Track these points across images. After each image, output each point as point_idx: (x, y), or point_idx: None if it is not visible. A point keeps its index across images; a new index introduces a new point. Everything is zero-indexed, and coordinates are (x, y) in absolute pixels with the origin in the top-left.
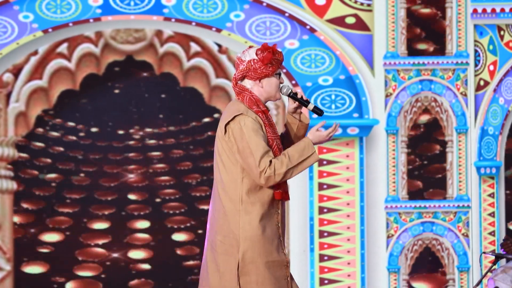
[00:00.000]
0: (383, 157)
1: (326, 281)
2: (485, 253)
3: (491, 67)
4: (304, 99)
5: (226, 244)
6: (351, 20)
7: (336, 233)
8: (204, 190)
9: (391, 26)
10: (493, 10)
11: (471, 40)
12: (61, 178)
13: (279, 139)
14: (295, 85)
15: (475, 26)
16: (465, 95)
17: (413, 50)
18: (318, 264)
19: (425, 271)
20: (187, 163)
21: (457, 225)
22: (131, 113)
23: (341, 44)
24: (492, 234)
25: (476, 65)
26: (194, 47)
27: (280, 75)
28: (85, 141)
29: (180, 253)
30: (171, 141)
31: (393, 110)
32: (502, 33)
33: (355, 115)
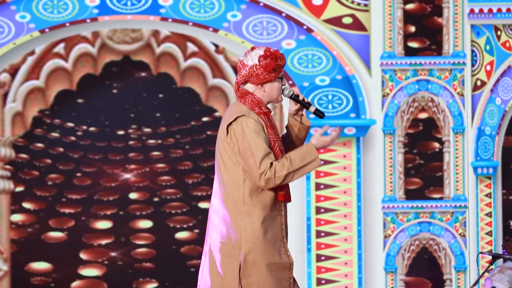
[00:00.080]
0: (380, 157)
1: (323, 281)
2: (482, 253)
3: (488, 67)
4: (305, 102)
5: (228, 246)
6: (348, 20)
7: (333, 233)
8: (205, 190)
9: (388, 26)
10: (490, 10)
11: (468, 40)
12: (61, 178)
13: (281, 141)
14: (292, 85)
15: (472, 26)
16: (462, 95)
17: (410, 50)
18: (315, 264)
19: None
20: (186, 162)
21: (454, 225)
22: (128, 113)
23: (338, 44)
24: (489, 234)
25: (473, 65)
26: (191, 47)
27: (282, 78)
28: (83, 141)
29: (183, 251)
30: (169, 141)
31: (390, 110)
32: (499, 33)
33: (352, 115)
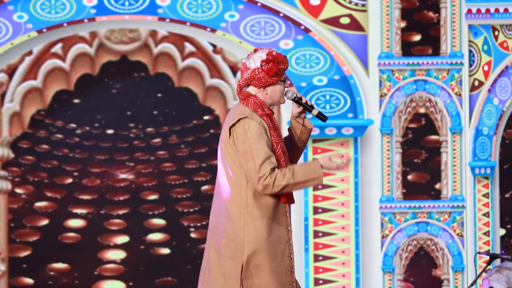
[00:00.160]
0: (377, 157)
1: (320, 281)
2: (479, 253)
3: (486, 67)
4: (308, 104)
5: (231, 248)
6: (345, 20)
7: (330, 233)
8: (207, 190)
9: (386, 26)
10: (488, 10)
11: (466, 40)
12: (68, 179)
13: (284, 143)
14: (290, 85)
15: (470, 26)
16: (460, 95)
17: (407, 50)
18: (312, 264)
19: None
20: (192, 161)
21: (451, 225)
22: (126, 113)
23: (336, 44)
24: (486, 234)
25: (470, 65)
26: (188, 47)
27: (284, 80)
28: (82, 141)
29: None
30: (173, 140)
31: (388, 110)
32: (496, 33)
33: (350, 115)
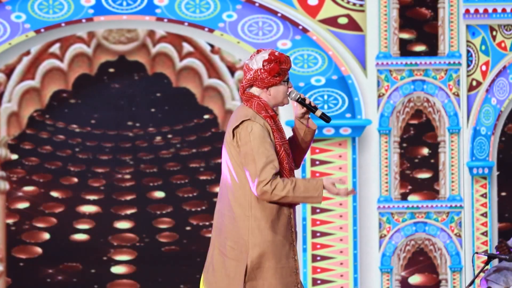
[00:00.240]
0: (375, 157)
1: (319, 281)
2: (477, 253)
3: (484, 68)
4: (312, 105)
5: (236, 249)
6: (343, 20)
7: (328, 233)
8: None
9: (384, 26)
10: (486, 10)
11: (464, 40)
12: (75, 180)
13: (287, 144)
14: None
15: (468, 26)
16: (458, 95)
17: (405, 50)
18: (310, 264)
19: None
20: (196, 160)
21: (449, 225)
22: (124, 113)
23: (334, 44)
24: (484, 234)
25: (468, 66)
26: (186, 47)
27: (288, 81)
28: (76, 140)
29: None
30: (164, 140)
31: (386, 110)
32: (494, 33)
33: (348, 115)
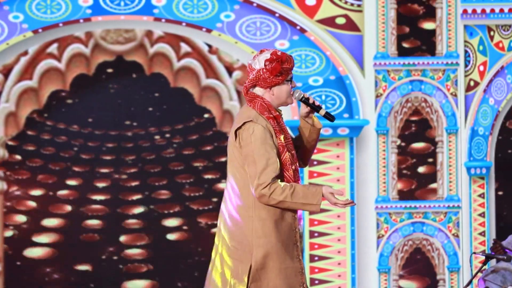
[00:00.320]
0: (373, 157)
1: (316, 282)
2: (475, 253)
3: (481, 68)
4: (316, 105)
5: (240, 250)
6: (341, 20)
7: (326, 234)
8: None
9: (381, 26)
10: (483, 10)
11: (461, 40)
12: (81, 181)
13: (292, 144)
14: None
15: (465, 26)
16: (455, 95)
17: (403, 50)
18: (308, 264)
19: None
20: (199, 159)
21: (447, 225)
22: (122, 113)
23: (331, 44)
24: (482, 234)
25: (466, 66)
26: (184, 48)
27: (291, 80)
28: (75, 141)
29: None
30: (166, 140)
31: (383, 110)
32: (492, 33)
33: (345, 115)
